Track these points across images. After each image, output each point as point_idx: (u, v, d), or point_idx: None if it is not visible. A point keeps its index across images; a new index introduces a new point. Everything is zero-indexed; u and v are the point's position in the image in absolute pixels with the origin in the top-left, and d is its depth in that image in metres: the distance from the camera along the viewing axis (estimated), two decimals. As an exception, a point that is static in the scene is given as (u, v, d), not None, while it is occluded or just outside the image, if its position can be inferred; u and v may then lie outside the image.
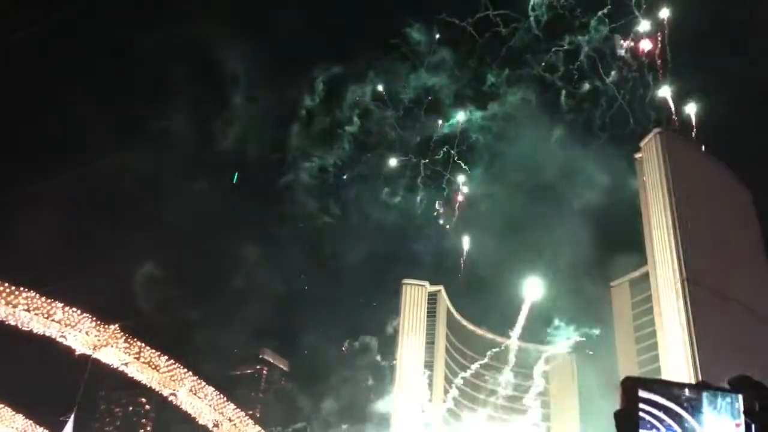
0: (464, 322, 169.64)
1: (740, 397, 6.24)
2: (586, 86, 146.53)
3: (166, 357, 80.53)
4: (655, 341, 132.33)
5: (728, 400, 6.18)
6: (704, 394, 6.18)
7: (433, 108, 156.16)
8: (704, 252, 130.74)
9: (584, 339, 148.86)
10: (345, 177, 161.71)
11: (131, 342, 77.30)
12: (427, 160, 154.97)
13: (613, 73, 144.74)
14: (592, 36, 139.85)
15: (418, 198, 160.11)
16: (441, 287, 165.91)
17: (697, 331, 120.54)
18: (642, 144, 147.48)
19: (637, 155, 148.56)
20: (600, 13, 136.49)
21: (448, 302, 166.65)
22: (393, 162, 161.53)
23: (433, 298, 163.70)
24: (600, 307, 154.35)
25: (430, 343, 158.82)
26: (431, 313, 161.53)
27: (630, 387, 6.27)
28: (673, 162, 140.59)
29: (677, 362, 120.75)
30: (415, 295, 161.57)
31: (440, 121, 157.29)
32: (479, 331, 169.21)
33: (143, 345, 77.97)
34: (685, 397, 6.12)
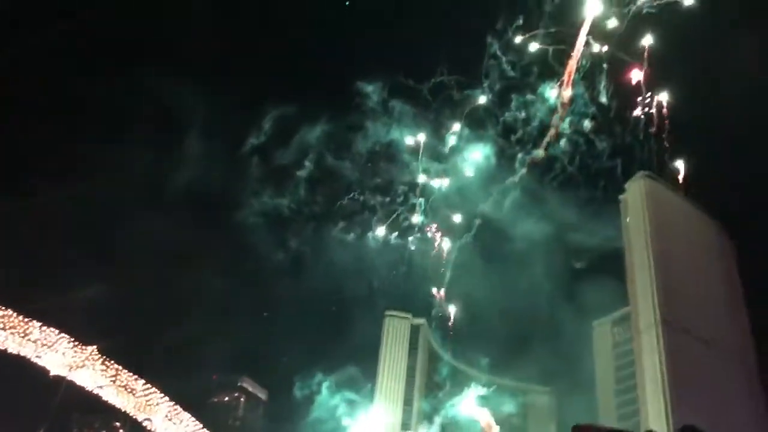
0: (446, 357, 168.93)
1: None
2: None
3: (143, 381, 79.58)
4: (635, 381, 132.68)
5: None
6: None
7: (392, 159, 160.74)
8: (684, 294, 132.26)
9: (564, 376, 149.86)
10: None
11: (108, 364, 76.43)
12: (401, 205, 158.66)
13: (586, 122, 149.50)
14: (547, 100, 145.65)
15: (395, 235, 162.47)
16: (424, 320, 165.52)
17: (674, 373, 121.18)
18: (627, 185, 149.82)
19: (622, 196, 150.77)
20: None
21: (430, 336, 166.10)
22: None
23: (415, 331, 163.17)
24: (582, 345, 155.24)
25: (411, 377, 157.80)
26: (413, 346, 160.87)
27: None
28: (656, 205, 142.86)
29: (656, 404, 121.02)
30: (397, 327, 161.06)
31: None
32: (461, 366, 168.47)
33: (120, 368, 77.05)
34: None
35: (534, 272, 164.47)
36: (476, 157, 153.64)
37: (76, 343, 74.02)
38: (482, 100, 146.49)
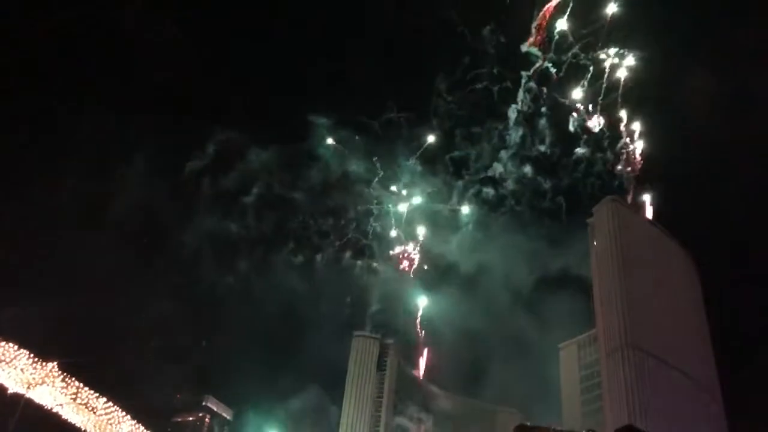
0: (414, 377, 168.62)
1: None
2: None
3: (105, 399, 77.81)
4: (600, 404, 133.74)
5: None
6: None
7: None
8: (649, 318, 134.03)
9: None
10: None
11: (69, 381, 74.32)
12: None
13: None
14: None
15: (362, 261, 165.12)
16: (392, 341, 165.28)
17: (639, 395, 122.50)
18: (594, 209, 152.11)
19: (589, 220, 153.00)
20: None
21: (399, 357, 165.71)
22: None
23: (384, 352, 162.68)
24: (548, 367, 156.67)
25: (379, 397, 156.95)
26: (381, 367, 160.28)
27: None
28: (623, 228, 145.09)
29: (621, 424, 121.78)
30: (365, 347, 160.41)
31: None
32: (430, 387, 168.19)
33: (81, 385, 75.10)
34: None
35: (499, 296, 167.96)
36: (429, 187, 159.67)
37: (36, 359, 71.98)
38: (431, 138, 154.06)
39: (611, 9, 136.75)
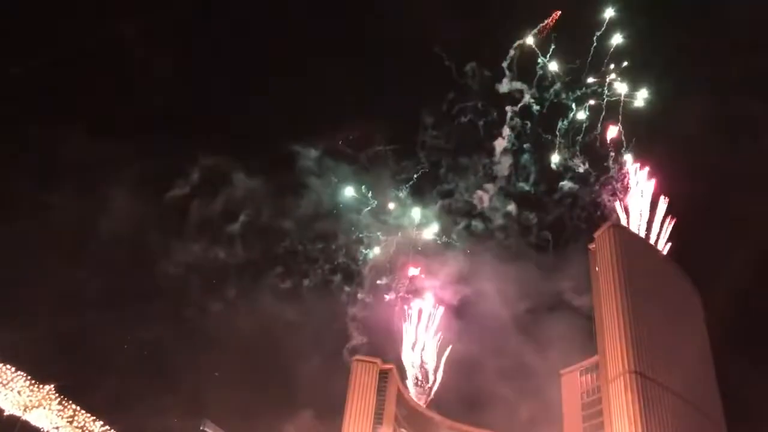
0: (414, 403, 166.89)
1: None
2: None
3: (102, 422, 76.91)
4: (602, 431, 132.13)
5: None
6: None
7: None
8: (652, 345, 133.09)
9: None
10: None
11: (66, 404, 73.64)
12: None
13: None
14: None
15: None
16: (392, 366, 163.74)
17: (642, 423, 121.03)
18: (596, 235, 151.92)
19: (591, 246, 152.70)
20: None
21: (399, 382, 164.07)
22: None
23: (384, 377, 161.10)
24: (550, 394, 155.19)
25: (378, 423, 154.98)
26: (381, 392, 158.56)
27: None
28: (624, 255, 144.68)
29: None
30: (365, 372, 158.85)
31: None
32: (429, 414, 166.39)
33: (78, 408, 74.31)
34: None
35: (494, 319, 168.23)
36: (417, 216, 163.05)
37: (33, 381, 71.36)
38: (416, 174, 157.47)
39: (614, 40, 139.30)
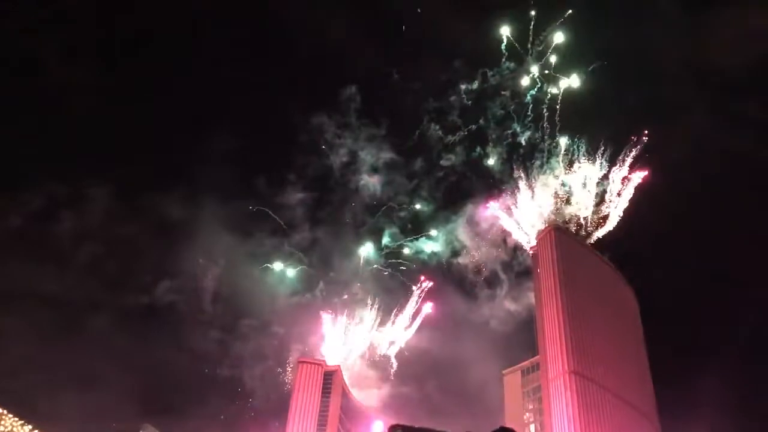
0: (360, 404, 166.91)
1: None
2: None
3: (31, 426, 74.20)
4: (544, 430, 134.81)
5: None
6: None
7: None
8: (592, 345, 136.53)
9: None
10: None
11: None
12: None
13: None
14: None
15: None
16: (338, 366, 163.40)
17: (580, 421, 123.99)
18: (537, 238, 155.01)
19: (532, 249, 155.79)
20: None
21: (345, 382, 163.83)
22: None
23: (329, 378, 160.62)
24: (492, 394, 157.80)
25: (323, 425, 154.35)
26: (326, 393, 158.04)
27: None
28: (565, 256, 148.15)
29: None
30: (309, 373, 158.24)
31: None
32: (374, 414, 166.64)
33: (4, 411, 71.43)
34: None
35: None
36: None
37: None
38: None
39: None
